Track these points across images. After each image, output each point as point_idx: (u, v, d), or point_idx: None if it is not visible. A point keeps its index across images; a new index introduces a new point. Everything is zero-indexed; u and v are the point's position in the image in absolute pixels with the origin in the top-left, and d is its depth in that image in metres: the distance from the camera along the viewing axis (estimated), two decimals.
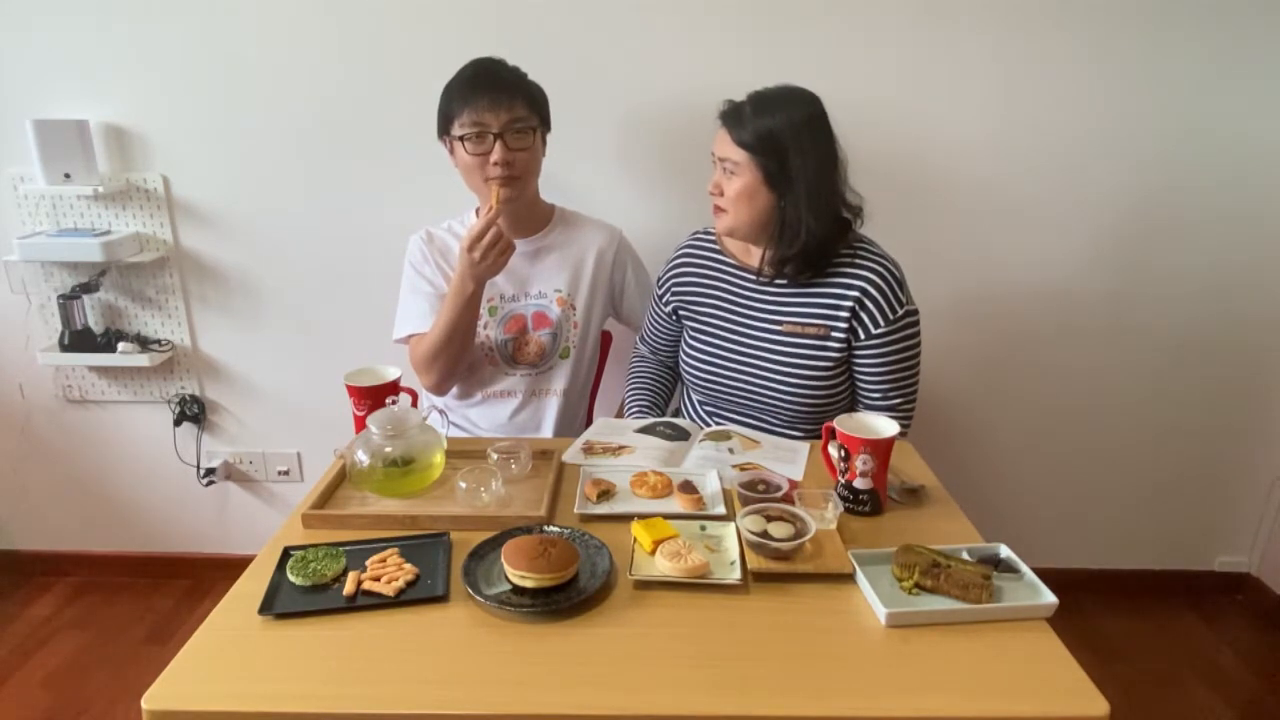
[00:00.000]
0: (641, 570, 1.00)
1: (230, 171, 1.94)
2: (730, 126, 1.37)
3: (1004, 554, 1.03)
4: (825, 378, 1.43)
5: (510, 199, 1.51)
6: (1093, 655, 1.86)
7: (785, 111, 1.34)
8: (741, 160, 1.36)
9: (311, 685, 0.84)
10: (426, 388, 1.60)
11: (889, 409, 1.45)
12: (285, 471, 2.22)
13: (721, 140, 1.38)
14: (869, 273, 1.40)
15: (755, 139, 1.34)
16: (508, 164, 1.47)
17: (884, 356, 1.42)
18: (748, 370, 1.47)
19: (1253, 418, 2.10)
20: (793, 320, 1.44)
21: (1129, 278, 1.98)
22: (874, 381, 1.44)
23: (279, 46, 1.84)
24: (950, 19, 1.78)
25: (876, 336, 1.40)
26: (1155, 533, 2.22)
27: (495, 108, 1.45)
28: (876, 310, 1.39)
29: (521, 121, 1.48)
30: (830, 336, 1.41)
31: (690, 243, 1.59)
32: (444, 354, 1.53)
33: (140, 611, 2.18)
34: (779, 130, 1.34)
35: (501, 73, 1.50)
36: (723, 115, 1.39)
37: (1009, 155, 1.88)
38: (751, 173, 1.36)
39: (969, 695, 0.82)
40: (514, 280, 1.61)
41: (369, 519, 1.14)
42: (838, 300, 1.41)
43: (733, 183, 1.38)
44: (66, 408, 2.16)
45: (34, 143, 1.82)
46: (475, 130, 1.46)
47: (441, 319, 1.50)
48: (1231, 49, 1.79)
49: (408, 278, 1.64)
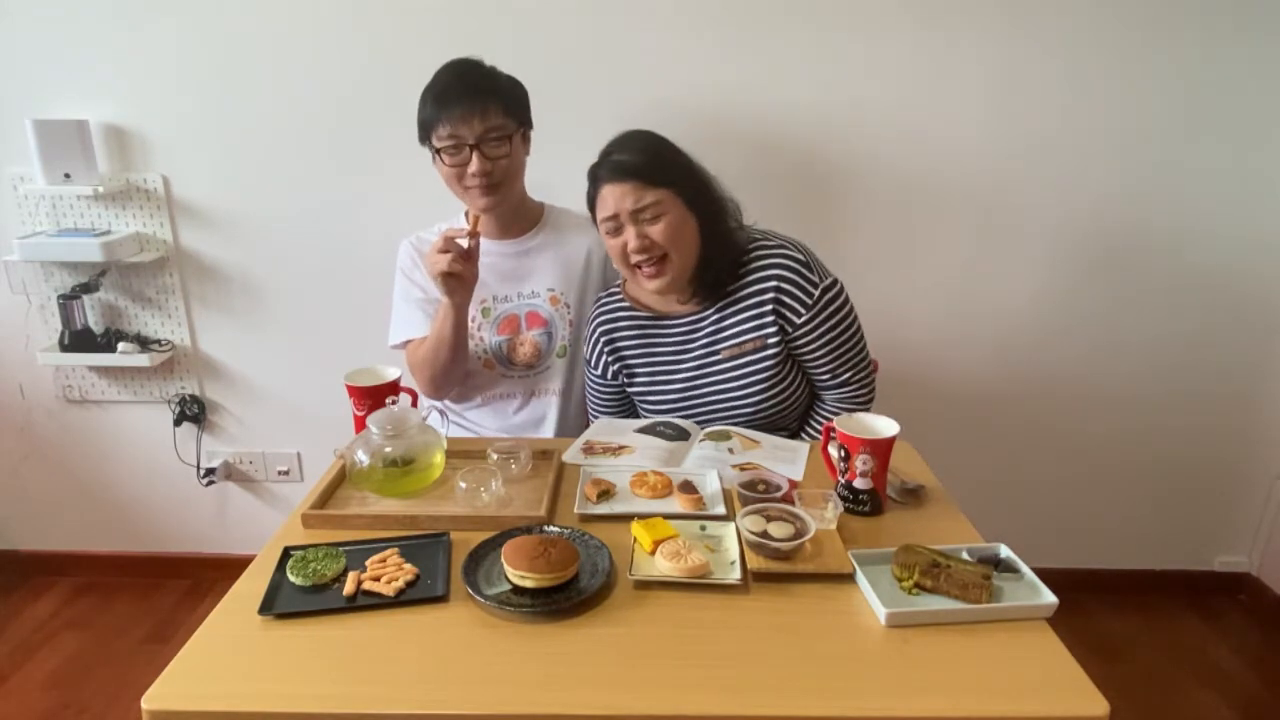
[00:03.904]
0: (641, 570, 1.00)
1: (230, 171, 1.94)
2: (634, 174, 1.32)
3: (1004, 554, 1.03)
4: (776, 382, 1.43)
5: (491, 208, 1.51)
6: (1093, 655, 1.86)
7: (650, 142, 1.37)
8: (664, 197, 1.33)
9: (311, 685, 0.84)
10: (424, 393, 1.59)
11: (840, 385, 1.46)
12: (285, 471, 2.22)
13: (629, 193, 1.32)
14: (774, 266, 1.39)
15: (663, 171, 1.33)
16: (485, 174, 1.46)
17: (819, 338, 1.40)
18: (706, 404, 1.47)
19: (1252, 418, 2.10)
20: (728, 345, 1.44)
21: (1128, 278, 1.98)
22: (819, 365, 1.44)
23: (279, 46, 1.84)
24: (944, 24, 1.78)
25: (804, 324, 1.39)
26: (1155, 533, 2.22)
27: (469, 118, 1.42)
28: (793, 300, 1.38)
29: (497, 130, 1.45)
30: (766, 344, 1.41)
31: (601, 310, 1.54)
32: (432, 362, 1.53)
33: (140, 611, 2.18)
34: (665, 155, 1.36)
35: (474, 79, 1.47)
36: (613, 172, 1.34)
37: (1005, 158, 1.88)
38: (676, 205, 1.34)
39: (969, 695, 0.82)
40: (506, 280, 1.61)
41: (369, 519, 1.14)
42: (758, 304, 1.40)
43: (663, 225, 1.33)
44: (66, 408, 2.17)
45: (34, 143, 1.82)
46: (451, 143, 1.44)
47: (431, 328, 1.52)
48: (1230, 51, 1.79)
49: (399, 284, 1.63)
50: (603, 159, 1.38)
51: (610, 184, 1.34)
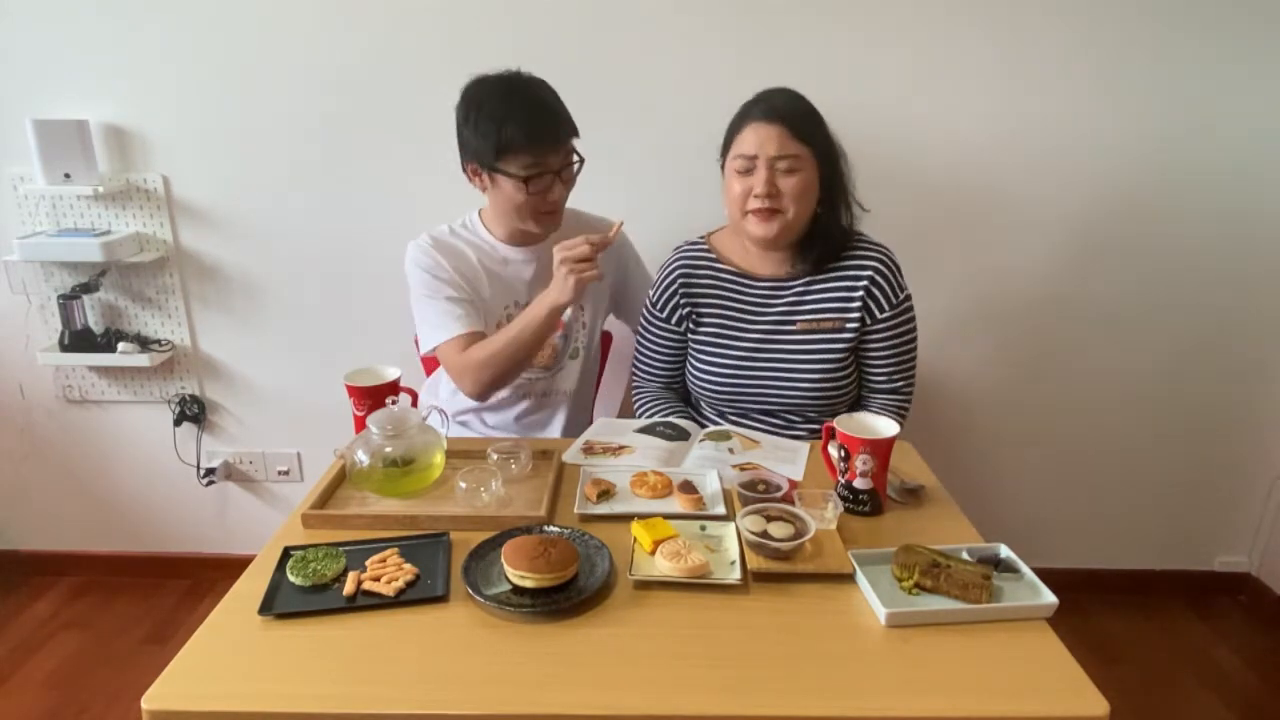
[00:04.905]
0: (641, 570, 1.00)
1: (230, 171, 1.94)
2: (784, 121, 1.34)
3: (1004, 554, 1.03)
4: (838, 368, 1.46)
5: (554, 231, 1.51)
6: (1093, 655, 1.86)
7: (806, 102, 1.38)
8: (804, 155, 1.35)
9: (311, 685, 0.84)
10: (470, 395, 1.50)
11: (893, 391, 1.50)
12: (285, 471, 2.22)
13: (774, 138, 1.33)
14: (873, 261, 1.44)
15: (812, 133, 1.35)
16: (558, 200, 1.45)
17: (890, 340, 1.46)
18: (763, 374, 1.47)
19: (1253, 418, 2.10)
20: (806, 319, 1.45)
21: (1128, 278, 1.97)
22: (881, 365, 1.48)
23: (279, 46, 1.84)
24: (950, 20, 1.78)
25: (883, 321, 1.44)
26: (1155, 533, 2.22)
27: (557, 147, 1.40)
28: (882, 296, 1.43)
29: (574, 158, 1.45)
30: (844, 327, 1.44)
31: (684, 256, 1.54)
32: (508, 362, 1.45)
33: (140, 611, 2.18)
34: (817, 117, 1.38)
35: (556, 105, 1.43)
36: (767, 113, 1.35)
37: (1011, 155, 1.88)
38: (811, 166, 1.36)
39: (969, 695, 0.82)
40: (528, 286, 1.58)
41: (369, 519, 1.14)
42: (849, 291, 1.44)
43: (794, 180, 1.35)
44: (67, 408, 2.16)
45: (34, 143, 1.82)
46: (537, 171, 1.39)
47: (514, 331, 1.44)
48: (1234, 49, 1.79)
49: (423, 284, 1.52)
50: (757, 99, 1.39)
51: (760, 123, 1.35)
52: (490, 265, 1.56)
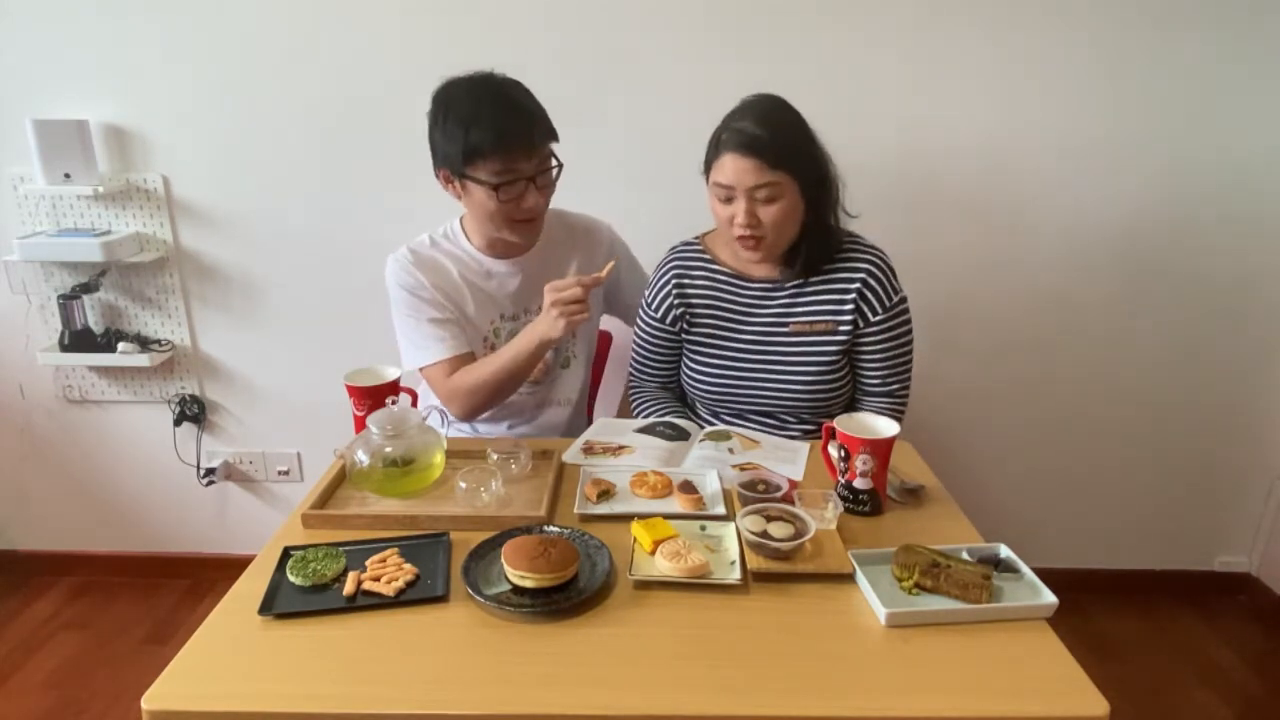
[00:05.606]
0: (641, 570, 1.00)
1: (230, 171, 1.94)
2: (758, 153, 1.29)
3: (1004, 554, 1.03)
4: (831, 371, 1.45)
5: (532, 243, 1.49)
6: (1093, 655, 1.86)
7: (789, 122, 1.35)
8: (783, 180, 1.32)
9: (311, 685, 0.84)
10: (458, 419, 1.50)
11: (888, 394, 1.48)
12: (285, 471, 2.22)
13: (750, 170, 1.30)
14: (866, 263, 1.43)
15: (790, 157, 1.31)
16: (539, 209, 1.40)
17: (884, 343, 1.45)
18: (757, 376, 1.47)
19: (1253, 418, 2.10)
20: (799, 320, 1.45)
21: (1128, 278, 1.98)
22: (875, 368, 1.47)
23: (279, 46, 1.84)
24: (950, 21, 1.78)
25: (876, 324, 1.43)
26: (1155, 533, 2.22)
27: (530, 153, 1.34)
28: (875, 298, 1.42)
29: (548, 163, 1.39)
30: (837, 330, 1.44)
31: (678, 257, 1.53)
32: (493, 390, 1.44)
33: (140, 611, 2.18)
34: (800, 142, 1.34)
35: (527, 106, 1.36)
36: (741, 145, 1.30)
37: (1009, 157, 1.88)
38: (792, 189, 1.34)
39: (969, 695, 0.82)
40: (513, 299, 1.55)
41: (369, 519, 1.14)
42: (841, 293, 1.43)
43: (774, 208, 1.33)
44: (67, 408, 2.17)
45: (34, 143, 1.82)
46: (509, 178, 1.34)
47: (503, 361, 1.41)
48: (1234, 50, 1.79)
49: (405, 303, 1.48)
50: (729, 124, 1.34)
51: (733, 155, 1.31)
52: (473, 279, 1.51)
